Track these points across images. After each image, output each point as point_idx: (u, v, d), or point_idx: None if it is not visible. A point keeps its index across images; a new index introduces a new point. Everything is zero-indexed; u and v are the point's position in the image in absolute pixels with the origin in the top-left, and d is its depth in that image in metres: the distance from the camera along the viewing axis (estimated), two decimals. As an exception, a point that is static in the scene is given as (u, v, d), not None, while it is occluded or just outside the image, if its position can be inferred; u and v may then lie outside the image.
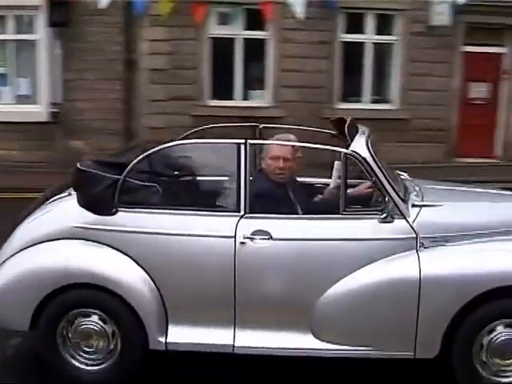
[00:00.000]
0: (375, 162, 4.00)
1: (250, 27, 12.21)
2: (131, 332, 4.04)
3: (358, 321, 3.93)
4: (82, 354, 4.15)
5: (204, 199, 4.49)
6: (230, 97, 12.27)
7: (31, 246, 4.16)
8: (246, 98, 12.45)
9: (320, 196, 4.98)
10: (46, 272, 4.04)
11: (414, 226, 3.92)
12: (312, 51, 12.19)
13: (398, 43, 12.72)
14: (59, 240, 4.13)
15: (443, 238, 3.98)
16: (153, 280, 4.00)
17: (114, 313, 4.05)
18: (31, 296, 4.04)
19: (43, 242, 4.15)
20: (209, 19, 12.01)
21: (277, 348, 3.99)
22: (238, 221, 3.96)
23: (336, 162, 4.69)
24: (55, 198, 4.54)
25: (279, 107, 12.18)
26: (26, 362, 4.62)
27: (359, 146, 4.04)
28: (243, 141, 4.02)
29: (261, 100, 12.40)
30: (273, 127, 5.52)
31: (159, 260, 4.01)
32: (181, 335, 4.03)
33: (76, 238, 4.11)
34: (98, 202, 4.10)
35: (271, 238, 3.90)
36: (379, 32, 12.75)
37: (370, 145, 4.11)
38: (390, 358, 3.98)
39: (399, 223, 3.90)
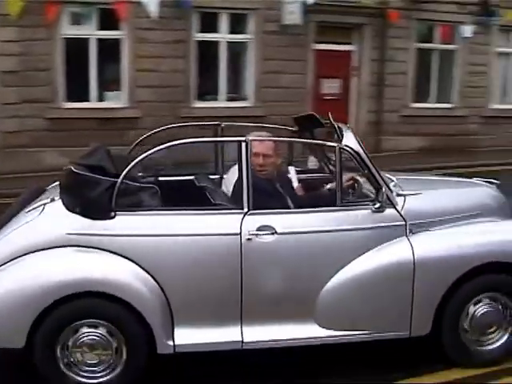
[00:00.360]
0: (366, 155, 4.37)
1: (103, 27, 12.45)
2: (137, 338, 4.05)
3: (358, 306, 4.27)
4: (85, 367, 4.08)
5: (206, 198, 4.52)
6: (85, 98, 12.53)
7: (18, 257, 4.04)
8: (101, 99, 12.75)
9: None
10: (44, 283, 3.93)
11: (403, 213, 4.37)
12: (167, 51, 12.73)
13: (251, 42, 13.57)
14: (52, 249, 4.03)
15: (427, 223, 4.46)
16: (158, 283, 4.04)
17: (119, 321, 4.03)
18: (28, 310, 3.93)
19: (33, 251, 4.03)
20: (61, 19, 12.12)
21: (283, 340, 4.21)
22: (243, 218, 4.12)
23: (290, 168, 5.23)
24: (35, 204, 4.40)
25: (136, 108, 12.65)
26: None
27: (350, 140, 4.38)
28: (244, 138, 4.21)
29: (117, 101, 12.75)
30: (236, 125, 5.72)
31: (163, 262, 4.05)
32: (188, 337, 4.11)
33: (71, 246, 4.04)
34: (95, 206, 4.06)
35: (276, 232, 4.13)
36: (233, 31, 13.52)
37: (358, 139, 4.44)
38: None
39: (390, 212, 4.33)
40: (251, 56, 13.74)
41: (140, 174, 4.74)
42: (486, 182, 5.39)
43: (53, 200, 4.28)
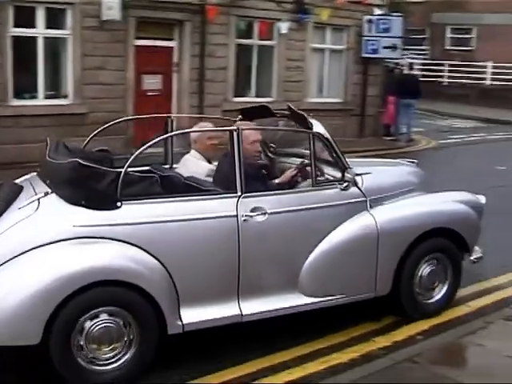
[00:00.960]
0: (333, 140, 5.29)
1: None
2: (149, 322, 4.49)
3: (335, 274, 5.17)
4: (100, 355, 4.45)
5: (203, 184, 5.02)
6: None
7: (22, 253, 4.28)
8: None
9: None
10: (60, 276, 4.19)
11: (363, 191, 5.40)
12: (-20, 47, 12.66)
13: (70, 38, 14.09)
14: (60, 242, 4.32)
15: (381, 198, 5.54)
16: (164, 267, 4.51)
17: (133, 306, 4.43)
18: (44, 304, 4.15)
19: (39, 246, 4.29)
20: None
21: (275, 310, 4.97)
22: (237, 201, 4.79)
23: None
24: (25, 200, 4.58)
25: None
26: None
27: (320, 128, 5.30)
28: (236, 128, 4.91)
29: None
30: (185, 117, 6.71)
31: (169, 246, 4.54)
32: (193, 315, 4.65)
33: (79, 238, 4.35)
34: (102, 197, 4.44)
35: (266, 212, 4.86)
36: (51, 26, 13.97)
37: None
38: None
39: (353, 190, 5.31)
40: (70, 52, 14.22)
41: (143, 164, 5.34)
42: (409, 161, 6.76)
43: (46, 194, 4.52)
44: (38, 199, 4.48)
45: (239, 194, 4.80)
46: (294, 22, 17.60)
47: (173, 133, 5.46)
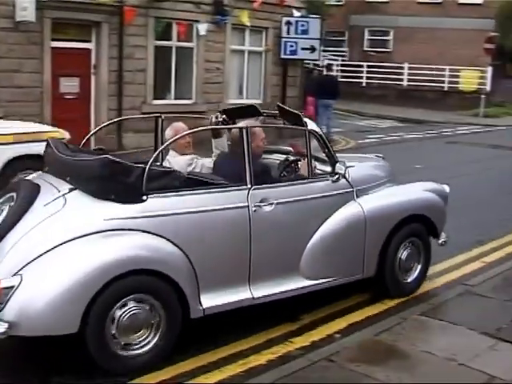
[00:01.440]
0: (326, 136, 5.85)
1: None
2: (174, 307, 4.79)
3: (331, 258, 5.62)
4: (131, 341, 4.69)
5: (218, 178, 5.33)
6: None
7: (57, 246, 4.47)
8: None
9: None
10: (97, 267, 4.41)
11: (351, 182, 5.87)
12: None
13: None
14: (93, 234, 4.54)
15: (364, 189, 6.03)
16: (186, 255, 4.80)
17: (160, 293, 4.70)
18: (83, 294, 4.36)
19: (73, 239, 4.49)
20: None
21: (281, 292, 5.35)
22: (248, 192, 5.16)
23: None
24: (49, 197, 4.75)
25: None
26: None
27: (313, 125, 5.81)
28: (245, 125, 5.33)
29: None
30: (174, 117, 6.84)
31: (189, 236, 4.85)
32: (212, 300, 4.97)
33: (110, 230, 4.57)
34: (129, 191, 4.68)
35: (272, 203, 5.25)
36: None
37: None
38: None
39: (343, 181, 5.78)
40: (-19, 54, 13.65)
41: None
42: (377, 156, 7.25)
43: (71, 190, 4.74)
44: (63, 195, 4.69)
45: (249, 186, 5.18)
46: (212, 23, 17.71)
47: (195, 130, 5.63)
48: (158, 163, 6.01)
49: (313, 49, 19.17)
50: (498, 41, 31.12)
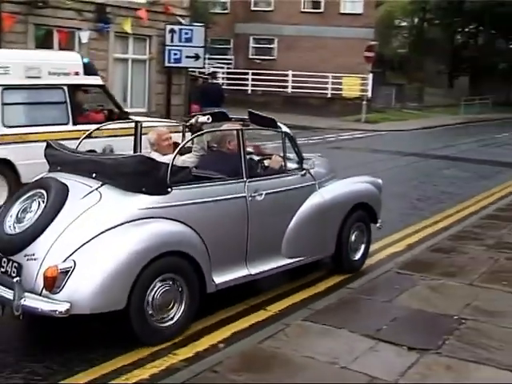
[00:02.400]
0: (295, 139, 6.84)
1: None
2: (195, 283, 5.43)
3: (302, 239, 6.49)
4: (163, 314, 5.27)
5: (221, 172, 5.99)
6: None
7: (103, 232, 4.99)
8: None
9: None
10: (140, 249, 5.00)
11: (313, 176, 6.79)
12: None
13: None
14: (131, 222, 5.12)
15: (323, 181, 6.94)
16: (201, 238, 5.48)
17: (184, 271, 5.35)
18: (129, 274, 4.91)
19: (115, 227, 5.04)
20: None
21: (269, 270, 6.19)
22: (245, 184, 5.93)
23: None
24: (82, 192, 5.25)
25: None
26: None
27: (285, 128, 6.79)
28: (240, 127, 6.18)
29: None
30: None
31: (203, 221, 5.53)
32: (221, 277, 5.68)
33: (144, 218, 5.18)
34: (159, 184, 5.32)
35: (262, 193, 6.06)
36: None
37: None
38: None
39: (308, 175, 6.73)
40: None
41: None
42: (318, 155, 7.91)
43: (102, 185, 5.28)
44: (97, 189, 5.25)
45: (245, 179, 5.99)
46: (95, 31, 17.36)
47: (207, 130, 6.61)
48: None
49: (197, 57, 19.22)
50: (377, 49, 32.21)
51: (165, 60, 19.09)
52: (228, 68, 36.15)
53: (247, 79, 34.78)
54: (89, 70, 10.48)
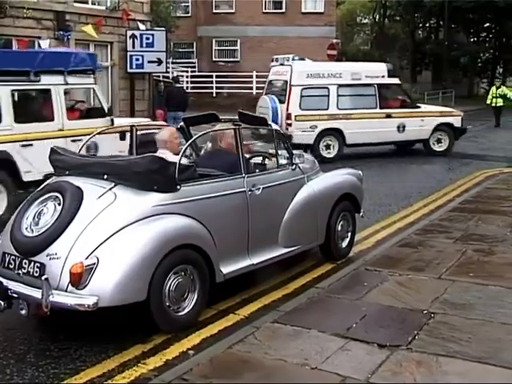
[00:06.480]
0: (285, 136, 7.58)
1: None
2: (205, 273, 5.72)
3: (295, 229, 6.84)
4: (179, 303, 5.56)
5: (222, 169, 6.38)
6: None
7: (121, 229, 5.24)
8: None
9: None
10: (157, 243, 5.27)
11: (303, 170, 7.20)
12: None
13: None
14: (147, 218, 5.38)
15: (310, 175, 7.36)
16: (208, 231, 5.78)
17: (196, 262, 5.62)
18: (149, 266, 5.17)
19: (133, 223, 5.30)
20: None
21: (268, 259, 6.52)
22: (244, 180, 6.27)
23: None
24: (96, 193, 5.46)
25: None
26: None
27: (276, 126, 7.89)
28: (237, 127, 6.50)
29: None
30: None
31: (209, 215, 5.83)
32: (227, 268, 5.99)
33: (158, 214, 5.45)
34: (169, 182, 5.58)
35: (260, 188, 6.39)
36: None
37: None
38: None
39: (297, 170, 7.12)
40: None
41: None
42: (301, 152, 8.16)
43: (115, 185, 5.52)
44: (110, 189, 5.48)
45: (244, 175, 6.33)
46: (55, 39, 17.09)
47: (207, 130, 6.83)
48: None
49: (159, 61, 19.10)
50: (340, 47, 32.30)
51: (127, 66, 18.90)
52: (192, 71, 35.99)
53: (212, 82, 34.68)
54: (389, 73, 16.98)
